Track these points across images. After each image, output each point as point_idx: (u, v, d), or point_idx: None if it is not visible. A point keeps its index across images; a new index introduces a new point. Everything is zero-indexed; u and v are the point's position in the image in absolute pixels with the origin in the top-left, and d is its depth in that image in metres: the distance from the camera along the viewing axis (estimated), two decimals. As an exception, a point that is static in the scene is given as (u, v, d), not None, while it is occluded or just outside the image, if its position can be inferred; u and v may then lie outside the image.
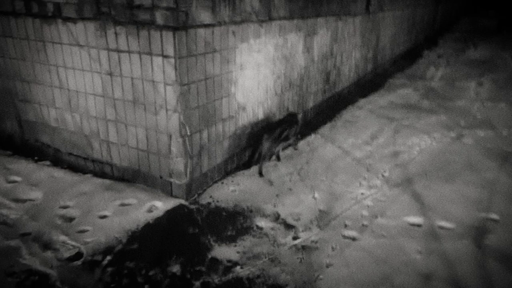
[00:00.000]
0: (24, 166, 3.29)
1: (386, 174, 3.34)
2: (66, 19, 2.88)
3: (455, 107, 5.30)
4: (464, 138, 4.16)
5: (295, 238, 2.50)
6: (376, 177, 3.29)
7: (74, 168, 3.29)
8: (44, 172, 3.19)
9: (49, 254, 2.30)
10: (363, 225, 2.62)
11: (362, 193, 3.03)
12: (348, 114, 4.99)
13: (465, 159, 3.62)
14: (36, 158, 3.45)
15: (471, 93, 6.04)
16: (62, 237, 2.44)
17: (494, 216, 2.73)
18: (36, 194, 2.88)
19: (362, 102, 5.55)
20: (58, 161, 3.40)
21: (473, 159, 3.63)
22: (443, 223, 2.64)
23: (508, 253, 2.35)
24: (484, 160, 3.60)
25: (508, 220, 2.68)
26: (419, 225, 2.63)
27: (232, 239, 2.48)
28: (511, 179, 3.26)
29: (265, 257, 2.32)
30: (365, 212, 2.77)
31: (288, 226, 2.62)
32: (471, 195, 3.00)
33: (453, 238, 2.49)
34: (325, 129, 4.42)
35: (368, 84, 6.57)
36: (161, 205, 2.79)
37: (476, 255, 2.33)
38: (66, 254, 2.30)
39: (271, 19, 3.39)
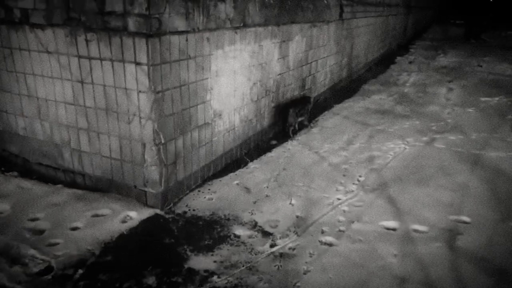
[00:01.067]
0: (-9, 177, 3.16)
1: (362, 179, 3.38)
2: (34, 26, 2.80)
3: (427, 112, 5.45)
4: (436, 142, 4.28)
5: (272, 245, 2.49)
6: (352, 182, 3.32)
7: (44, 179, 3.18)
8: (12, 184, 3.07)
9: (17, 269, 2.21)
10: (339, 230, 2.64)
11: (338, 199, 3.05)
12: (324, 120, 5.04)
13: (437, 163, 3.71)
14: (3, 169, 3.31)
15: (442, 99, 6.23)
16: (31, 251, 2.34)
17: (465, 218, 2.80)
18: (3, 207, 2.76)
19: (337, 108, 5.63)
20: (27, 171, 3.28)
21: (445, 163, 3.73)
22: (417, 227, 2.69)
23: (479, 254, 2.41)
24: (455, 164, 3.70)
25: (478, 222, 2.76)
26: (394, 229, 2.67)
27: (209, 249, 2.44)
28: (480, 182, 3.36)
29: (243, 266, 2.30)
30: (341, 218, 2.79)
31: (266, 234, 2.61)
32: (443, 199, 3.07)
33: (427, 241, 2.54)
34: (301, 135, 4.45)
35: (343, 90, 6.67)
36: (136, 215, 2.73)
37: (449, 256, 2.38)
38: (35, 269, 2.21)
39: (246, 26, 3.40)
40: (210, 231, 2.62)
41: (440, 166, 3.66)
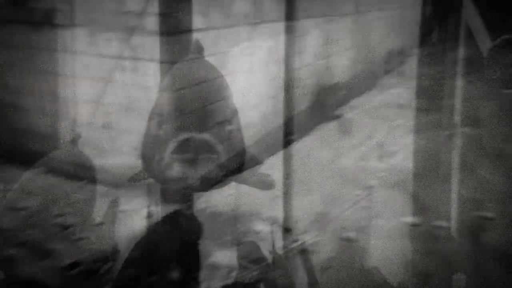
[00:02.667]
0: (17, 174, 3.24)
1: (382, 175, 3.35)
2: (55, 26, 2.85)
3: (446, 106, 5.35)
4: (456, 136, 4.20)
5: (293, 241, 2.50)
6: (371, 178, 3.30)
7: (69, 175, 3.25)
8: (39, 180, 3.15)
9: (46, 263, 2.27)
10: (360, 226, 2.63)
11: (358, 194, 3.04)
12: (341, 114, 5.01)
13: (458, 158, 3.66)
14: (29, 166, 3.40)
15: (461, 92, 6.11)
16: (59, 246, 2.41)
17: (488, 214, 2.75)
18: (31, 202, 2.84)
19: (354, 102, 5.58)
20: (52, 168, 3.36)
21: (466, 157, 3.67)
22: (439, 223, 2.66)
23: (504, 251, 2.37)
24: (477, 158, 3.64)
25: (502, 218, 2.71)
26: (416, 225, 2.65)
27: (230, 244, 2.47)
28: (502, 176, 3.29)
29: (264, 262, 2.32)
30: (362, 214, 2.78)
31: (286, 230, 2.62)
32: (465, 194, 3.02)
33: (450, 237, 2.51)
34: (319, 130, 4.43)
35: (360, 84, 6.60)
36: (158, 211, 2.77)
37: (473, 253, 2.36)
38: (63, 263, 2.27)
39: (262, 22, 3.39)
40: (231, 226, 2.65)
41: (460, 160, 3.60)
